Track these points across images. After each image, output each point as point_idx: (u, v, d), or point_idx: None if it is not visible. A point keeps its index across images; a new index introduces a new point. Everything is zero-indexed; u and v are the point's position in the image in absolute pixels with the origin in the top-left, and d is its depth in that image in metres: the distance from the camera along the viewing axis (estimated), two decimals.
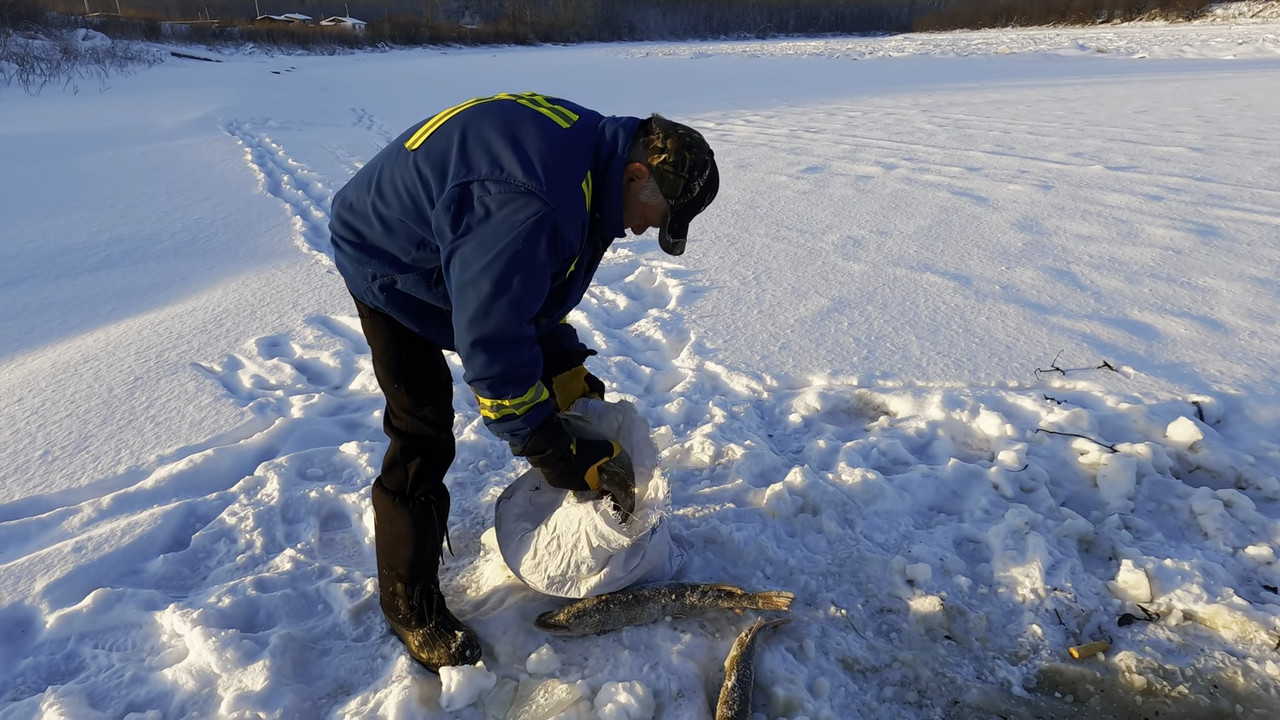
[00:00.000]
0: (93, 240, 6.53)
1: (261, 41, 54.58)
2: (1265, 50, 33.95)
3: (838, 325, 4.48)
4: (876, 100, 17.62)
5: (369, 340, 2.16)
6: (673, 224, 1.98)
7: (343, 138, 12.89)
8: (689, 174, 1.91)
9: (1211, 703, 2.05)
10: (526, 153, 1.81)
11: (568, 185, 1.83)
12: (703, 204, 1.97)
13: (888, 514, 2.82)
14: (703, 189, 1.94)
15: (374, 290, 2.02)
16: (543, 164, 1.80)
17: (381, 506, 2.20)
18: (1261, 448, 3.17)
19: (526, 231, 1.76)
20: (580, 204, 1.86)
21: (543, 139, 1.84)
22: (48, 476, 3.05)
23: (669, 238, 1.99)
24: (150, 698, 2.08)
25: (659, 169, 1.91)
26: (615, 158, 1.91)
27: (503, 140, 1.83)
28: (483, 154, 1.82)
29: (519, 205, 1.76)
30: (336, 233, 2.07)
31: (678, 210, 1.96)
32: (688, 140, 1.93)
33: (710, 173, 1.95)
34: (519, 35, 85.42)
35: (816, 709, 2.00)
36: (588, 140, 1.91)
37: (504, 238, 1.76)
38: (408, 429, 2.15)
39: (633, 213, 1.98)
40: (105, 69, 25.80)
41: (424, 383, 2.15)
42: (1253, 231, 6.22)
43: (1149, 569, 2.46)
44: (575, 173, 1.85)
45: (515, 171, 1.78)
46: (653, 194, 1.94)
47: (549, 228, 1.78)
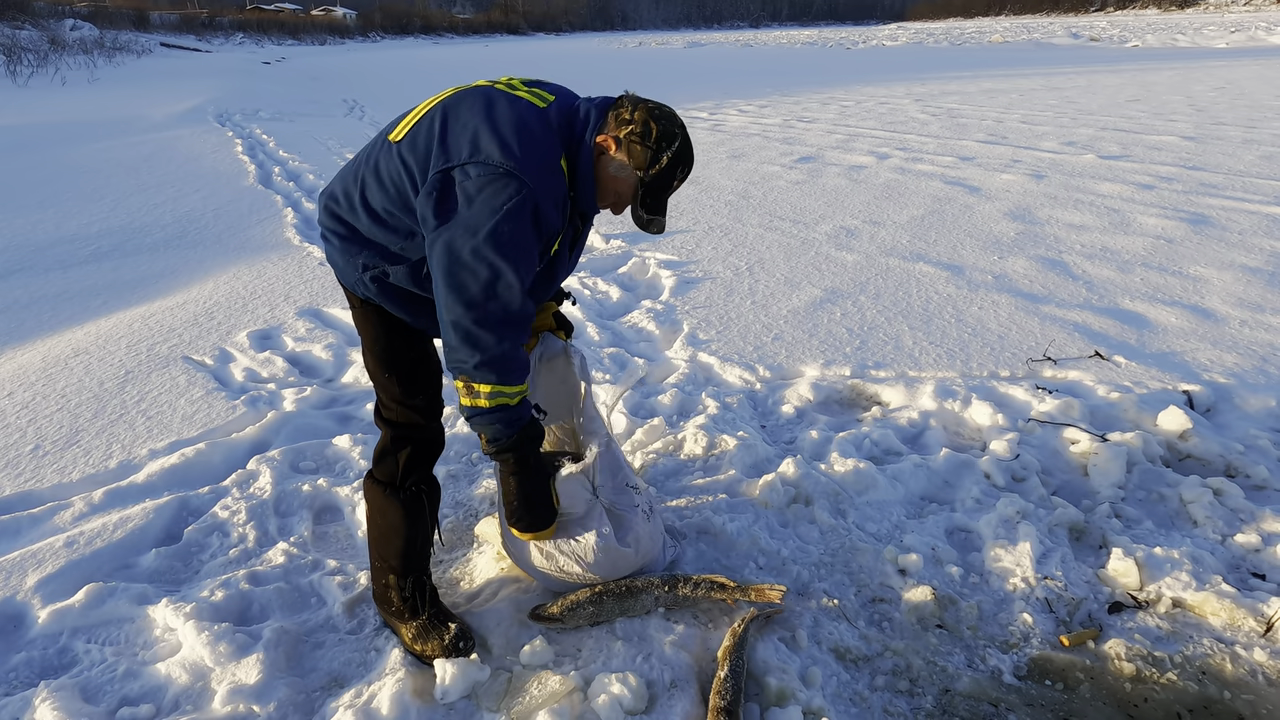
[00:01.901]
0: (82, 233, 6.49)
1: (251, 31, 54.18)
2: (1258, 39, 33.98)
3: (830, 316, 4.49)
4: (870, 90, 17.59)
5: (360, 330, 2.15)
6: (644, 199, 1.94)
7: (334, 129, 12.82)
8: (656, 145, 1.88)
9: (1199, 689, 2.07)
10: (504, 135, 1.81)
11: (546, 164, 1.83)
12: (674, 177, 1.93)
13: (880, 504, 2.83)
14: (672, 160, 1.90)
15: (365, 281, 2.02)
16: (520, 145, 1.80)
17: (373, 498, 2.20)
18: (1251, 436, 3.19)
19: (510, 212, 1.76)
20: (559, 182, 1.86)
21: (519, 120, 1.84)
22: (38, 471, 3.04)
23: (643, 214, 1.96)
24: (143, 692, 2.08)
25: (626, 139, 1.89)
26: (587, 133, 1.90)
27: (480, 124, 1.83)
28: (462, 139, 1.82)
29: (500, 187, 1.76)
30: (325, 226, 2.06)
31: (648, 184, 1.92)
32: (656, 113, 1.91)
33: (681, 145, 1.91)
34: (511, 25, 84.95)
35: (809, 698, 2.01)
36: (563, 119, 1.91)
37: (489, 220, 1.76)
38: (398, 419, 2.15)
39: (605, 189, 1.96)
40: (94, 60, 25.58)
41: (415, 372, 2.14)
42: (1244, 220, 6.24)
43: (1139, 557, 2.47)
44: (552, 152, 1.85)
45: (494, 153, 1.78)
46: (620, 167, 1.91)
47: (530, 207, 1.78)
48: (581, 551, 2.27)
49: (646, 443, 3.25)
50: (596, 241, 6.11)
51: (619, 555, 2.29)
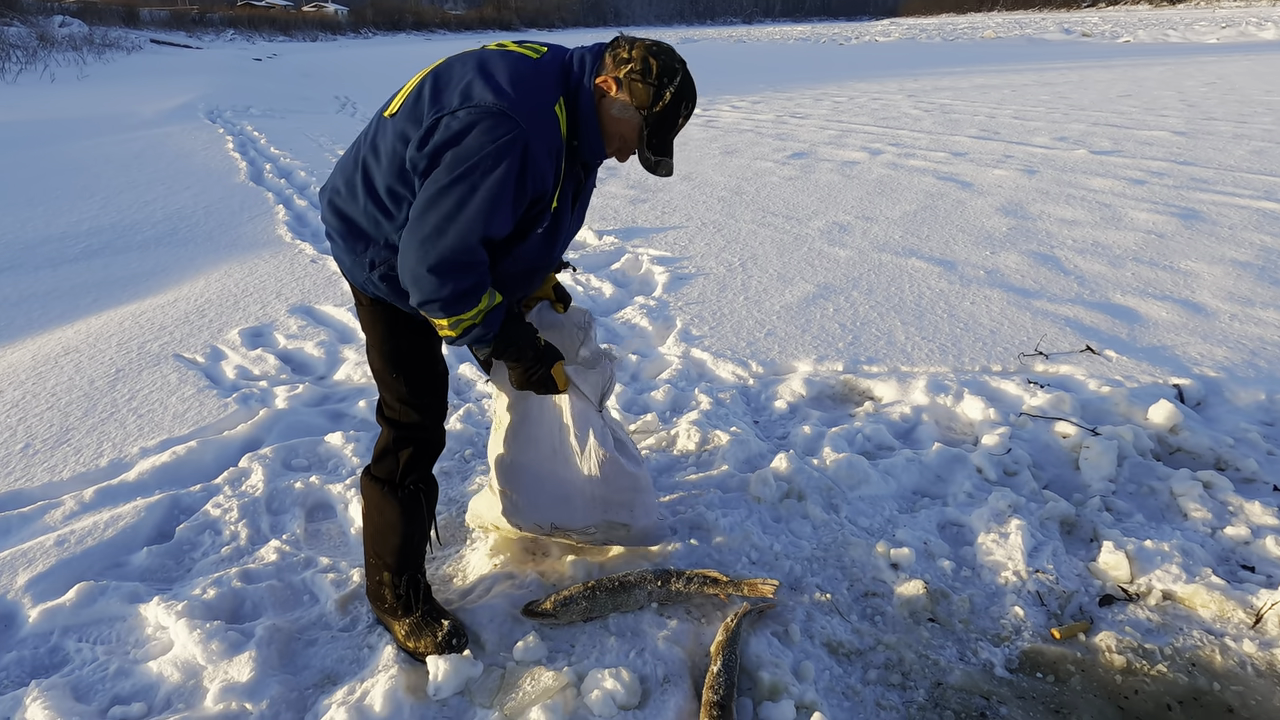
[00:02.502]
0: (72, 230, 6.45)
1: (242, 28, 53.90)
2: (1248, 34, 34.10)
3: (823, 311, 4.49)
4: (862, 85, 17.61)
5: (367, 329, 2.13)
6: (650, 139, 1.89)
7: (326, 125, 12.78)
8: (658, 80, 1.83)
9: (1190, 681, 2.08)
10: (496, 81, 1.78)
11: (540, 108, 1.78)
12: (678, 114, 1.88)
13: (872, 499, 2.84)
14: (675, 95, 1.85)
15: (374, 280, 1.99)
16: (513, 88, 1.76)
17: (370, 495, 2.19)
18: (1240, 429, 3.21)
19: (497, 150, 1.71)
20: (554, 128, 1.81)
21: (511, 68, 1.81)
22: (29, 470, 3.03)
23: (649, 155, 1.91)
24: (135, 690, 2.07)
25: (626, 79, 1.84)
26: (585, 77, 1.87)
27: (473, 75, 1.80)
28: (454, 91, 1.79)
29: (489, 125, 1.72)
30: (329, 224, 2.04)
31: (652, 122, 1.87)
32: (654, 49, 1.86)
33: (682, 80, 1.86)
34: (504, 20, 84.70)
35: (801, 692, 2.02)
36: (557, 67, 1.87)
37: (473, 156, 1.72)
38: (401, 419, 2.13)
39: (609, 132, 1.91)
40: (83, 56, 25.41)
41: (423, 372, 2.13)
42: (1234, 215, 6.26)
43: (1129, 550, 2.49)
44: (547, 97, 1.81)
45: (486, 97, 1.74)
46: (623, 108, 1.86)
47: (520, 148, 1.73)
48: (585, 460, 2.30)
49: (639, 438, 3.25)
50: (589, 238, 6.11)
51: (619, 467, 2.32)
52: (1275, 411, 3.36)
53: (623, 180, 8.04)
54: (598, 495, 2.34)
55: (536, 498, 2.39)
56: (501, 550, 2.56)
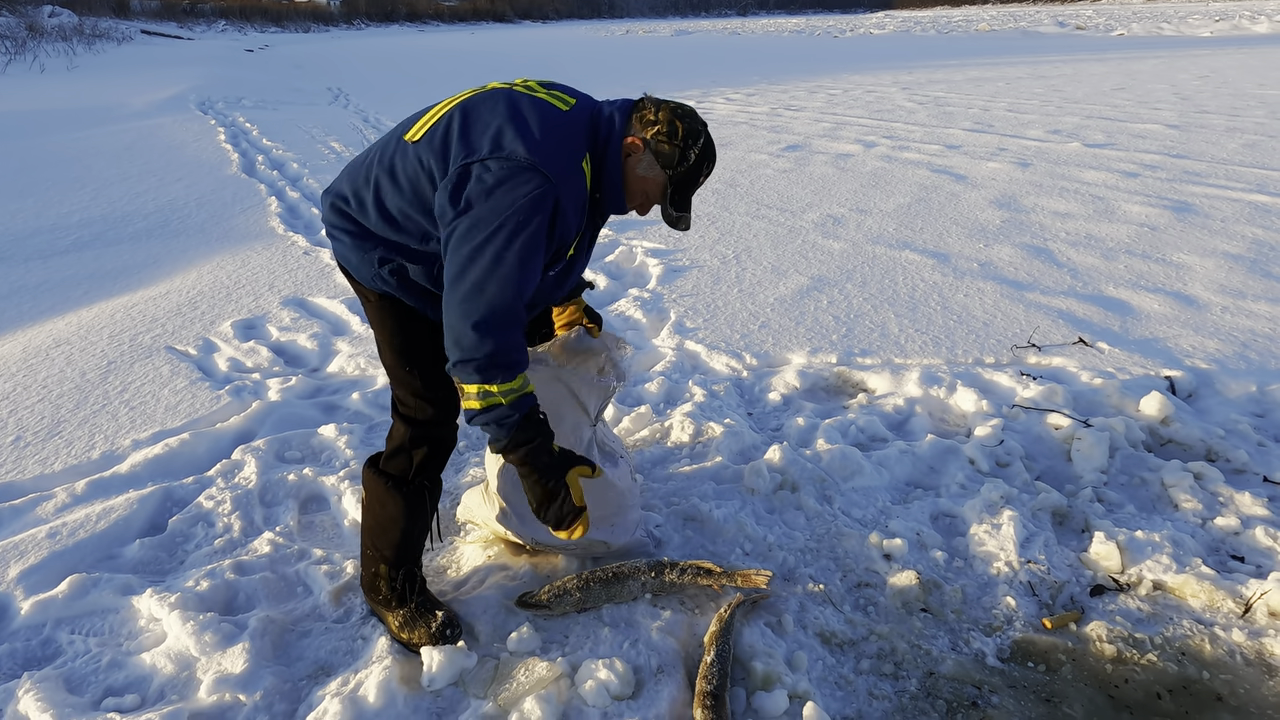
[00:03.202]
0: (63, 222, 6.41)
1: (234, 19, 53.54)
2: (1242, 27, 34.15)
3: (817, 303, 4.50)
4: (857, 78, 17.59)
5: (377, 326, 2.12)
6: (673, 196, 1.97)
7: (318, 117, 12.71)
8: (683, 143, 1.91)
9: (1179, 670, 2.10)
10: (529, 130, 1.81)
11: (569, 164, 1.83)
12: (701, 173, 1.96)
13: (865, 490, 2.85)
14: (699, 157, 1.93)
15: (384, 275, 1.99)
16: (544, 141, 1.80)
17: (373, 488, 2.17)
18: (1231, 421, 3.22)
19: (528, 205, 1.75)
20: (581, 183, 1.87)
21: (542, 119, 1.84)
22: (20, 462, 3.01)
23: (671, 211, 1.98)
24: (129, 682, 2.07)
25: (653, 140, 1.91)
26: (613, 136, 1.92)
27: (503, 121, 1.83)
28: (483, 135, 1.81)
29: (521, 180, 1.75)
30: (333, 224, 2.04)
31: (676, 181, 1.95)
32: (680, 112, 1.93)
33: (705, 142, 1.94)
34: (497, 12, 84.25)
35: (795, 682, 2.02)
36: (586, 121, 1.91)
37: (504, 211, 1.74)
38: (418, 416, 2.10)
39: (633, 189, 1.97)
40: (73, 47, 25.21)
41: (436, 365, 2.10)
42: (1226, 208, 6.28)
43: (1120, 540, 2.50)
44: (576, 152, 1.86)
45: (517, 148, 1.77)
46: (649, 166, 1.93)
47: (550, 203, 1.78)
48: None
49: (633, 431, 3.25)
50: None
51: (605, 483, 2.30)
52: (1266, 403, 3.38)
53: None
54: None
55: (524, 511, 2.39)
56: (495, 542, 2.57)
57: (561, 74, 18.89)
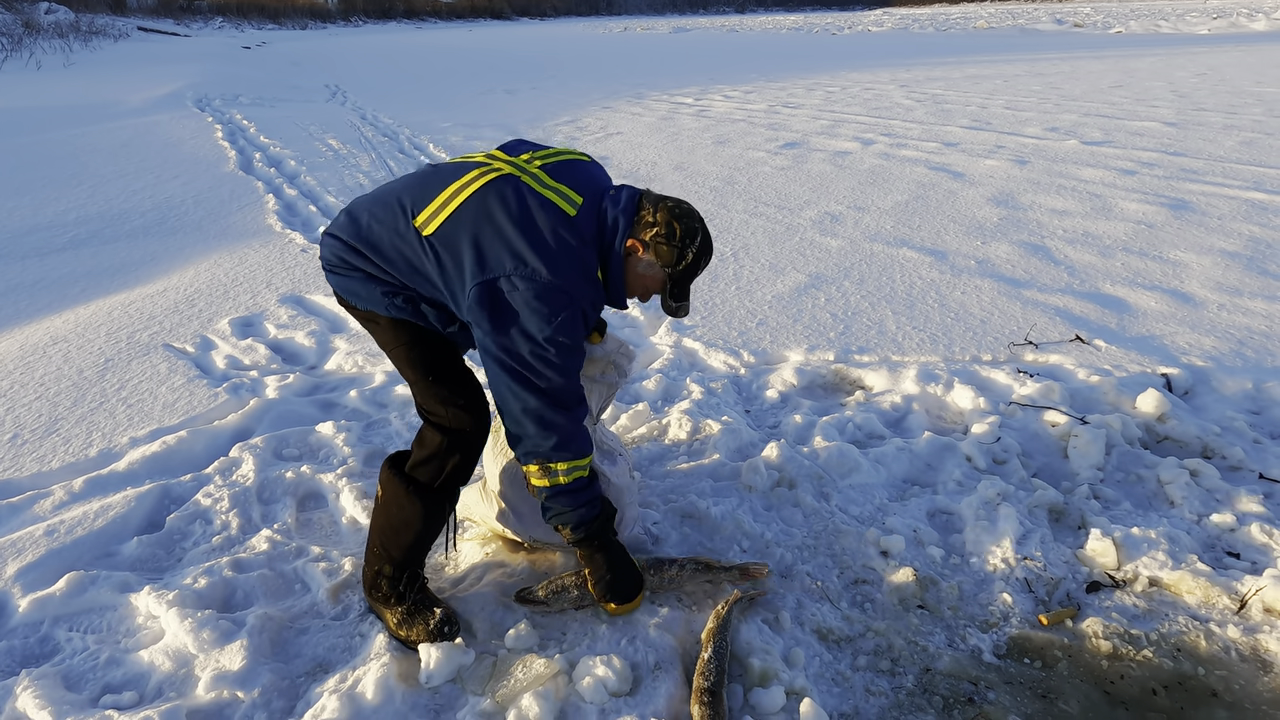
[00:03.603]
0: (60, 219, 6.40)
1: (231, 15, 53.41)
2: (1239, 25, 34.17)
3: (815, 301, 4.50)
4: (855, 75, 17.58)
5: (390, 346, 2.14)
6: (673, 290, 2.07)
7: (316, 114, 12.69)
8: (681, 243, 2.00)
9: (1175, 666, 2.10)
10: (546, 246, 1.90)
11: (586, 278, 1.97)
12: (698, 269, 2.07)
13: (863, 487, 2.85)
14: (696, 255, 2.03)
15: (397, 304, 2.06)
16: (562, 261, 1.91)
17: (393, 491, 2.16)
18: (1227, 418, 3.23)
19: (564, 321, 1.90)
20: (598, 290, 2.03)
21: (554, 233, 1.93)
22: (17, 460, 3.01)
23: (671, 303, 2.09)
24: (127, 679, 2.08)
25: (653, 242, 2.00)
26: (618, 240, 2.00)
27: (518, 234, 1.91)
28: (503, 251, 1.90)
29: (552, 299, 1.89)
30: (337, 267, 2.08)
31: (675, 278, 2.05)
32: (677, 211, 2.01)
33: (702, 239, 2.04)
34: (495, 9, 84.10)
35: (792, 678, 2.03)
36: (593, 228, 2.00)
37: (547, 326, 1.89)
38: (451, 424, 2.11)
39: (633, 285, 2.08)
40: (69, 44, 25.15)
41: (454, 369, 2.16)
42: (1223, 205, 6.29)
43: (1116, 537, 2.51)
44: (590, 265, 1.99)
45: (540, 269, 1.88)
46: (649, 265, 2.03)
47: (580, 313, 1.95)
48: None
49: (631, 428, 3.26)
50: None
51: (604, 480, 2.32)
52: (1262, 400, 3.39)
53: (614, 171, 8.02)
54: None
55: (520, 509, 2.40)
56: (493, 539, 2.57)
57: (559, 72, 18.87)
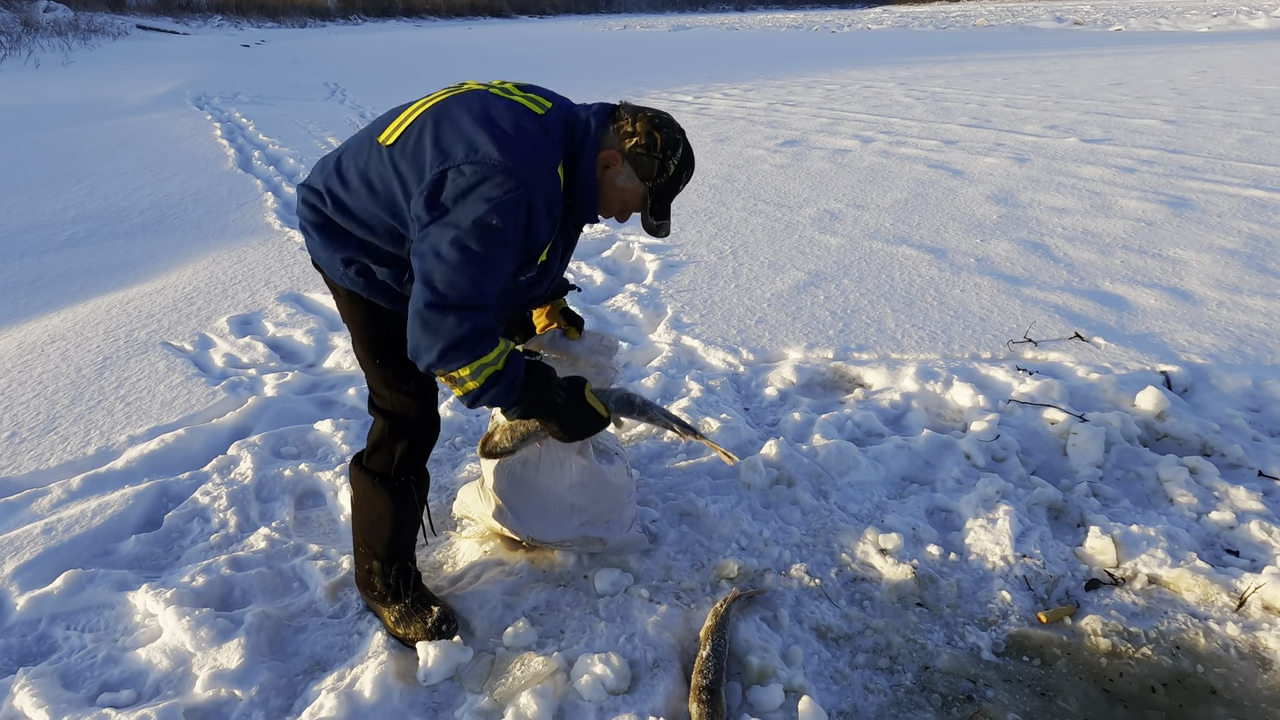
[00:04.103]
0: (58, 218, 6.39)
1: (230, 14, 53.32)
2: (1239, 23, 34.14)
3: (814, 299, 4.50)
4: (854, 73, 17.56)
5: (347, 320, 2.12)
6: (653, 206, 1.97)
7: (315, 112, 12.67)
8: (662, 154, 1.90)
9: (1174, 663, 2.10)
10: (503, 134, 1.79)
11: (543, 167, 1.82)
12: (680, 183, 1.96)
13: (861, 485, 2.85)
14: (678, 168, 1.93)
15: (350, 275, 1.99)
16: (517, 144, 1.78)
17: (360, 486, 2.18)
18: (1227, 416, 3.23)
19: (502, 205, 1.73)
20: (556, 187, 1.85)
21: (516, 122, 1.82)
22: (15, 458, 3.01)
23: (651, 220, 1.98)
24: (124, 677, 2.07)
25: (631, 153, 1.90)
26: (587, 145, 1.90)
27: (477, 125, 1.80)
28: (458, 140, 1.79)
29: (495, 183, 1.73)
30: (305, 219, 2.03)
31: (656, 192, 1.95)
32: (657, 121, 1.92)
33: (684, 151, 1.94)
34: (494, 7, 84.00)
35: (790, 676, 2.03)
36: (561, 126, 1.90)
37: (478, 210, 1.73)
38: (394, 408, 2.11)
39: (611, 200, 1.96)
40: (68, 42, 25.11)
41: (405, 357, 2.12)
42: (1223, 203, 6.29)
43: (1115, 535, 2.51)
44: (550, 155, 1.84)
45: (491, 152, 1.75)
46: (629, 178, 1.93)
47: (524, 205, 1.76)
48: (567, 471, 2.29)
49: (629, 426, 3.25)
50: None
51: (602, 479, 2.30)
52: (1261, 398, 3.39)
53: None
54: (577, 505, 2.33)
55: (519, 508, 2.39)
56: (491, 537, 2.57)
57: (561, 71, 18.87)
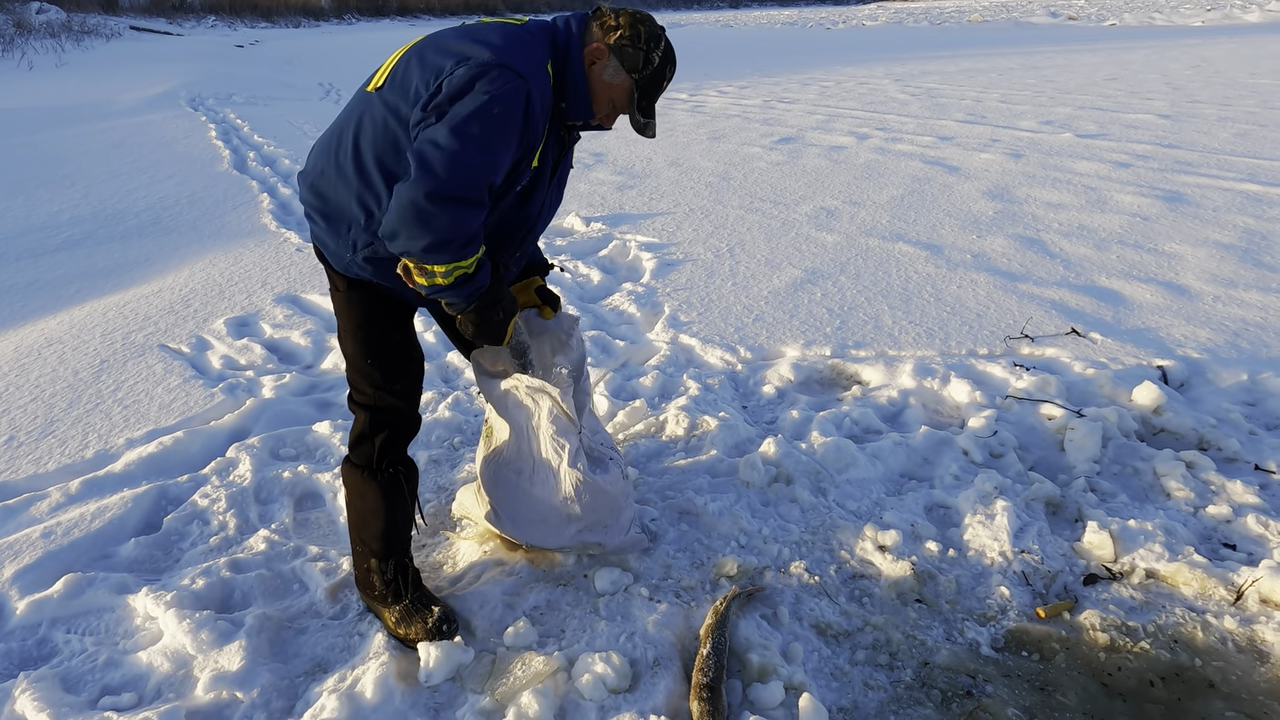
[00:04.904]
0: (53, 221, 6.38)
1: (224, 14, 53.14)
2: (1233, 17, 34.18)
3: (811, 296, 4.50)
4: (850, 70, 17.56)
5: (342, 314, 2.12)
6: (640, 101, 2.00)
7: (310, 112, 12.64)
8: (646, 46, 1.94)
9: (1172, 657, 2.11)
10: (490, 40, 1.85)
11: (535, 65, 1.86)
12: (664, 77, 2.00)
13: (860, 482, 2.86)
14: (661, 60, 1.97)
15: (359, 261, 1.99)
16: (507, 45, 1.84)
17: (351, 481, 2.20)
18: (1223, 410, 3.24)
19: (500, 96, 1.75)
20: (547, 84, 1.88)
21: (501, 30, 1.89)
22: (13, 462, 3.00)
23: (639, 117, 2.01)
24: (125, 681, 2.07)
25: (617, 45, 1.94)
26: (572, 42, 1.95)
27: (462, 40, 1.87)
28: (446, 55, 1.84)
29: (490, 78, 1.76)
30: (309, 205, 2.03)
31: (642, 85, 1.98)
32: (638, 15, 1.98)
33: (666, 45, 1.99)
34: (488, 6, 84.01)
35: (790, 674, 2.04)
36: (543, 32, 1.95)
37: (474, 103, 1.74)
38: (376, 404, 2.13)
39: (599, 97, 1.99)
40: (61, 44, 25.00)
41: (398, 359, 2.13)
42: (1218, 197, 6.30)
43: (1113, 530, 2.52)
44: (539, 54, 1.89)
45: (483, 53, 1.80)
46: (615, 72, 1.96)
47: (523, 97, 1.78)
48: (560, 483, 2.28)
49: (628, 425, 3.26)
50: (576, 224, 6.09)
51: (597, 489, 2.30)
52: (1257, 392, 3.40)
53: (610, 167, 8.01)
54: (572, 515, 2.32)
55: (514, 515, 2.40)
56: (491, 537, 2.57)
57: None
